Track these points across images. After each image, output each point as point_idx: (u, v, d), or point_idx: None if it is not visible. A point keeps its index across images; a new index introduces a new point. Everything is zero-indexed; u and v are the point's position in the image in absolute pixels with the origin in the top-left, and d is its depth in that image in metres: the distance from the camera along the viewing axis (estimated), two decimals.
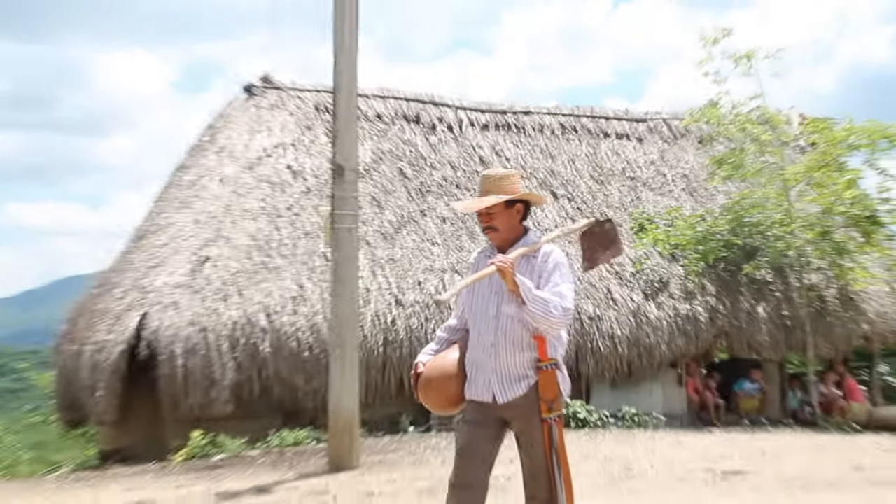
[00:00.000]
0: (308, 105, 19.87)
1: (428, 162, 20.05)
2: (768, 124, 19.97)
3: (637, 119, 23.20)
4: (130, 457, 16.07)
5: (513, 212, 6.03)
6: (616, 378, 18.69)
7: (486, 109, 21.86)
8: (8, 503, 11.87)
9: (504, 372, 5.87)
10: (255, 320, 16.45)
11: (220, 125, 19.94)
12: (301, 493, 11.14)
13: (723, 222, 19.68)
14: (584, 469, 12.00)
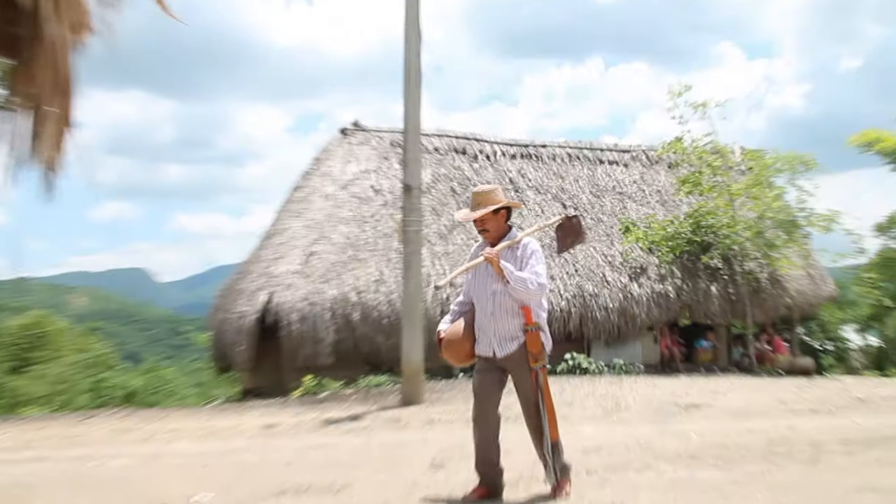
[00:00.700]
0: (385, 142, 19.96)
1: (472, 182, 20.03)
2: (718, 154, 19.95)
3: (623, 150, 23.14)
4: (262, 393, 16.24)
5: (499, 216, 6.19)
6: (609, 338, 18.74)
7: (513, 143, 21.86)
8: (181, 422, 12.03)
9: (501, 334, 6.03)
10: (348, 297, 16.65)
11: (322, 157, 20.08)
12: (382, 420, 11.26)
13: (686, 225, 19.70)
14: (586, 404, 12.06)
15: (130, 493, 6.86)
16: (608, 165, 22.40)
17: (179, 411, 14.27)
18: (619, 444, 8.23)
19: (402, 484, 6.76)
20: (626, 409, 11.54)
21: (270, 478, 7.26)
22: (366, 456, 8.42)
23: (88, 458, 9.10)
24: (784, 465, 7.01)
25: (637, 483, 6.36)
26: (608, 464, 7.21)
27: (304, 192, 19.39)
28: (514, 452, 6.49)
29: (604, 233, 20.22)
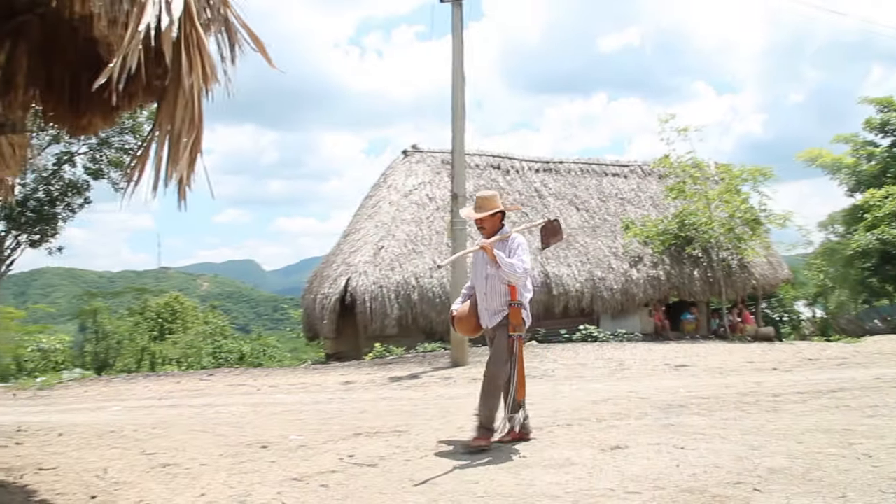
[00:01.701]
0: (437, 160, 19.93)
1: (505, 191, 20.00)
2: (697, 167, 19.75)
3: (623, 165, 22.91)
4: (342, 357, 16.34)
5: (495, 218, 6.20)
6: (613, 313, 18.63)
7: (536, 160, 21.73)
8: (280, 379, 12.15)
9: (491, 309, 6.01)
10: (409, 281, 16.68)
11: (388, 173, 20.13)
12: (436, 377, 11.28)
13: (673, 223, 19.50)
14: (596, 365, 11.99)
15: (242, 434, 6.93)
16: (611, 177, 22.22)
17: (278, 371, 14.39)
18: (622, 397, 8.19)
19: (451, 428, 6.79)
20: (627, 369, 11.47)
21: (348, 423, 7.31)
22: (422, 406, 8.44)
23: (210, 406, 9.23)
24: (752, 412, 6.94)
25: (637, 428, 6.32)
26: (614, 412, 7.17)
27: (375, 199, 19.48)
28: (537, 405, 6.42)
29: (609, 230, 20.08)
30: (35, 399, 11.06)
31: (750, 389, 8.57)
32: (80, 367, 18.17)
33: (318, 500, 4.46)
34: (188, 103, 3.31)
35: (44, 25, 5.71)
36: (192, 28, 3.42)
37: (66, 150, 22.88)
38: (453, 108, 13.15)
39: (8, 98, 6.38)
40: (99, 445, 6.47)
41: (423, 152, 20.28)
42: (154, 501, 4.58)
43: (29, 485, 5.04)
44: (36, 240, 23.44)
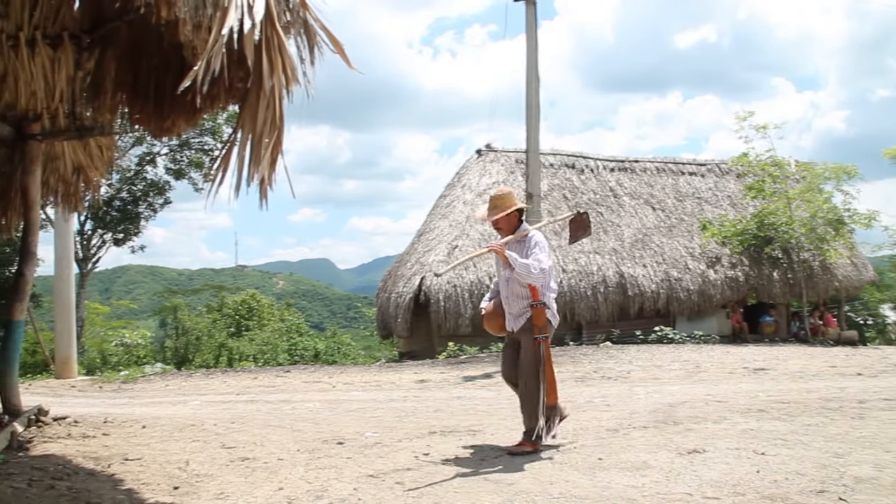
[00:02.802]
0: (511, 160, 19.89)
1: (579, 191, 19.90)
2: (777, 166, 19.36)
3: (700, 164, 22.56)
4: (415, 356, 16.43)
5: (511, 216, 5.98)
6: (690, 314, 18.34)
7: (611, 159, 21.54)
8: (354, 376, 12.30)
9: (513, 312, 5.87)
10: (482, 280, 16.65)
11: (462, 172, 20.17)
12: None
13: (752, 223, 19.07)
14: (672, 367, 11.80)
15: (318, 430, 7.03)
16: (688, 176, 21.89)
17: (353, 368, 14.55)
18: (700, 400, 8.04)
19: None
20: (704, 372, 11.26)
21: (423, 421, 7.36)
22: (496, 406, 8.43)
23: (287, 402, 9.39)
24: (836, 419, 6.73)
25: (715, 432, 6.19)
26: (691, 415, 7.04)
27: (448, 199, 19.54)
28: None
29: (685, 230, 19.78)
30: (119, 392, 11.43)
31: (833, 395, 8.32)
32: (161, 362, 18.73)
33: (393, 497, 4.50)
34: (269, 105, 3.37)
35: (131, 32, 5.90)
36: (272, 31, 3.48)
37: (148, 152, 23.58)
38: (527, 108, 13.14)
39: (97, 102, 6.62)
40: (181, 438, 6.66)
41: (496, 152, 20.26)
42: (234, 494, 4.68)
43: (116, 474, 5.22)
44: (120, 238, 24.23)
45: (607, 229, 19.07)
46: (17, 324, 7.40)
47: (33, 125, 7.20)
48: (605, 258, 18.20)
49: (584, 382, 10.40)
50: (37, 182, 7.46)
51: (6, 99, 6.51)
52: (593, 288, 17.54)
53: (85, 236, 23.67)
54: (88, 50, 6.32)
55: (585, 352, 14.19)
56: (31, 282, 7.73)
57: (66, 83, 6.53)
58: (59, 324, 14.55)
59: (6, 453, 5.79)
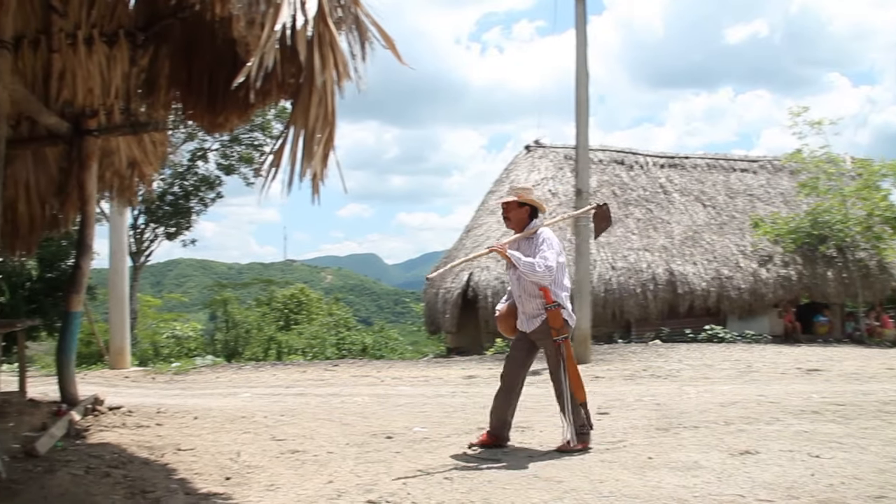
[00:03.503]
0: (560, 155, 19.80)
1: (629, 187, 19.75)
2: (832, 163, 18.97)
3: (752, 160, 22.24)
4: (463, 351, 16.46)
5: (522, 210, 5.85)
6: (741, 313, 18.08)
7: (661, 155, 21.33)
8: (402, 371, 12.35)
9: (527, 313, 5.77)
10: None
11: (511, 168, 20.14)
12: None
13: (805, 221, 18.70)
14: (722, 366, 11.65)
15: (367, 424, 7.07)
16: (740, 173, 21.57)
17: (400, 363, 14.62)
18: (751, 401, 7.91)
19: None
20: (756, 372, 11.07)
21: (471, 417, 7.36)
22: (544, 403, 8.37)
23: (336, 396, 9.46)
24: (893, 422, 6.58)
25: (768, 433, 6.09)
26: (742, 416, 6.94)
27: (497, 195, 19.46)
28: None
29: (737, 227, 19.48)
30: (171, 383, 11.61)
31: (891, 398, 8.12)
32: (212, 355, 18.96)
33: (442, 492, 4.50)
34: (322, 100, 3.38)
35: (184, 29, 5.98)
36: (325, 26, 3.49)
37: (199, 147, 23.90)
38: (577, 103, 13.04)
39: (151, 98, 6.73)
40: (231, 430, 6.75)
41: (545, 147, 20.18)
42: (284, 486, 4.73)
43: (169, 463, 5.31)
44: (172, 232, 24.62)
45: (657, 226, 18.88)
46: (74, 315, 7.56)
47: (90, 121, 7.35)
48: (654, 255, 18.02)
49: (633, 381, 10.31)
50: (93, 177, 7.61)
51: (64, 96, 6.66)
52: (642, 285, 17.38)
53: (138, 230, 24.09)
54: (143, 47, 6.43)
55: (634, 350, 14.07)
56: (88, 274, 7.90)
57: (121, 80, 6.66)
58: (114, 316, 14.83)
59: (65, 441, 5.92)
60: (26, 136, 7.68)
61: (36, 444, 5.34)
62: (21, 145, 7.69)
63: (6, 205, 7.27)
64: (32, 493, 4.34)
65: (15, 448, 5.38)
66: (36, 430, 6.09)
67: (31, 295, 18.07)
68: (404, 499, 4.37)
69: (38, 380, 10.69)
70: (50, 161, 8.21)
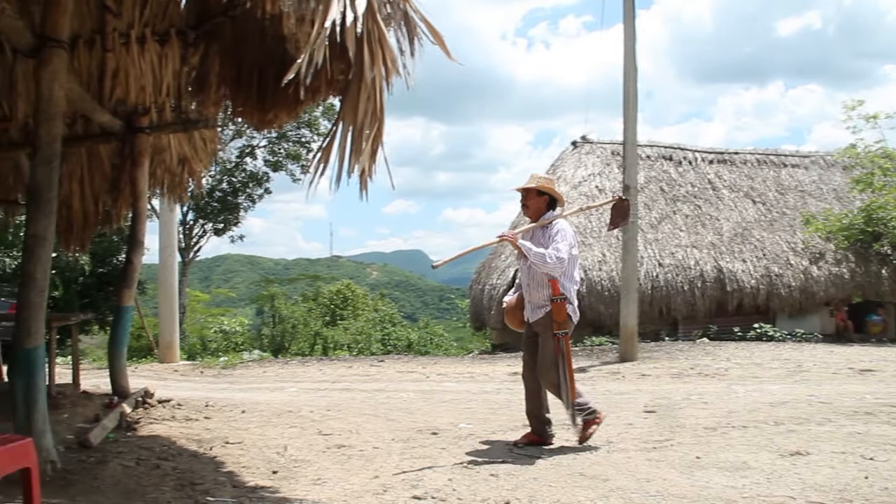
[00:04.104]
0: (607, 151, 19.63)
1: (677, 183, 19.52)
2: (888, 158, 18.49)
3: (804, 155, 21.84)
4: (508, 348, 16.40)
5: (540, 200, 5.78)
6: (791, 311, 17.77)
7: (710, 151, 21.03)
8: (447, 367, 12.38)
9: (533, 302, 5.69)
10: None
11: (557, 164, 19.98)
12: (603, 372, 11.14)
13: (859, 218, 18.26)
14: (772, 365, 11.44)
15: (413, 419, 7.10)
16: (790, 168, 21.19)
17: (446, 359, 14.64)
18: (802, 401, 7.77)
19: (620, 424, 6.67)
20: (806, 371, 10.87)
21: (516, 414, 7.31)
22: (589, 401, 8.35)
23: (381, 391, 9.51)
24: None
25: (819, 434, 5.98)
26: (792, 416, 6.82)
27: None
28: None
29: (787, 224, 19.14)
30: (219, 377, 11.77)
31: None
32: (259, 349, 19.19)
33: (487, 489, 4.50)
34: (370, 96, 3.41)
35: (234, 26, 6.05)
36: (374, 23, 3.52)
37: (247, 144, 24.22)
38: (625, 99, 12.93)
39: (201, 96, 6.82)
40: (278, 424, 6.82)
41: (592, 143, 20.02)
42: (330, 480, 4.77)
43: (217, 456, 5.39)
44: (220, 228, 25.00)
45: (705, 223, 18.65)
46: (125, 309, 7.71)
47: (142, 119, 7.49)
48: (702, 252, 17.80)
49: (679, 379, 10.20)
50: (145, 173, 7.76)
51: (118, 94, 6.77)
52: (690, 282, 17.19)
53: (187, 226, 24.50)
54: (194, 45, 6.52)
55: (681, 347, 13.93)
56: (139, 269, 8.05)
57: (172, 78, 6.76)
58: (163, 310, 15.09)
59: (116, 432, 6.04)
60: (81, 133, 7.87)
61: (89, 436, 5.46)
62: (76, 143, 7.87)
63: (61, 201, 7.42)
64: (86, 484, 4.45)
65: (69, 439, 5.51)
66: (89, 422, 6.24)
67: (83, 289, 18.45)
68: (449, 495, 4.38)
69: (90, 372, 10.90)
70: (103, 158, 8.39)
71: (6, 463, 2.88)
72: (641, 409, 7.50)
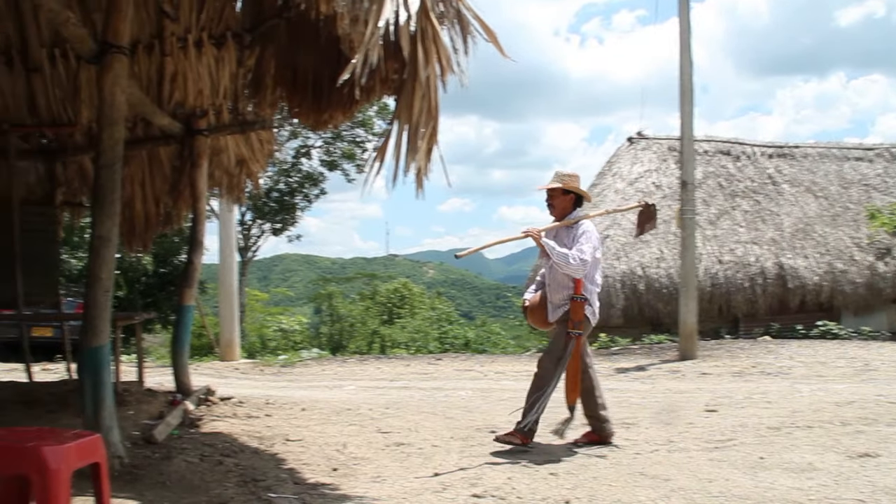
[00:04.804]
0: (663, 147, 19.38)
1: (735, 178, 19.17)
2: None
3: (868, 148, 21.20)
4: None
5: (566, 198, 5.67)
6: (856, 308, 17.32)
7: (769, 145, 20.60)
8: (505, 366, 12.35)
9: (554, 302, 5.60)
10: (635, 271, 16.38)
11: (613, 161, 19.79)
12: (662, 371, 10.99)
13: None
14: (837, 364, 11.15)
15: (471, 417, 7.09)
16: (854, 161, 20.61)
17: (503, 357, 14.58)
18: (870, 401, 7.55)
19: (681, 423, 6.58)
20: (874, 370, 10.55)
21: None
22: (650, 399, 8.26)
23: (439, 389, 9.52)
24: None
25: (888, 435, 5.80)
26: (860, 416, 6.63)
27: (599, 188, 19.19)
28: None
29: (851, 219, 18.64)
30: (279, 375, 11.91)
31: None
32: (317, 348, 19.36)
33: (547, 487, 4.47)
34: (425, 95, 3.40)
35: (289, 28, 6.11)
36: (427, 21, 3.51)
37: (303, 144, 24.44)
38: (681, 93, 12.74)
39: (258, 97, 6.91)
40: (338, 421, 6.87)
41: (648, 139, 19.78)
42: (390, 478, 4.78)
43: (278, 453, 5.45)
44: (278, 228, 25.31)
45: (765, 218, 18.29)
46: (187, 308, 7.85)
47: (200, 121, 7.60)
48: (763, 248, 17.46)
49: (741, 378, 10.01)
50: (204, 175, 7.87)
51: (176, 97, 6.91)
52: (751, 280, 16.88)
53: (245, 226, 24.83)
54: (250, 48, 6.61)
55: (742, 346, 13.66)
56: (199, 269, 8.18)
57: (229, 80, 6.87)
58: (223, 309, 15.31)
59: (180, 429, 6.16)
60: (142, 136, 8.03)
61: (154, 432, 5.58)
62: (137, 146, 8.03)
63: (124, 203, 7.57)
64: (152, 479, 4.54)
65: (135, 435, 5.63)
66: (153, 419, 6.37)
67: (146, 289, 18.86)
68: (509, 493, 4.36)
69: (154, 370, 11.11)
70: (163, 161, 8.54)
71: (78, 458, 2.95)
72: (702, 408, 7.38)
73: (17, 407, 6.79)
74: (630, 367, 11.42)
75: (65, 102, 7.44)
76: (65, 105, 7.47)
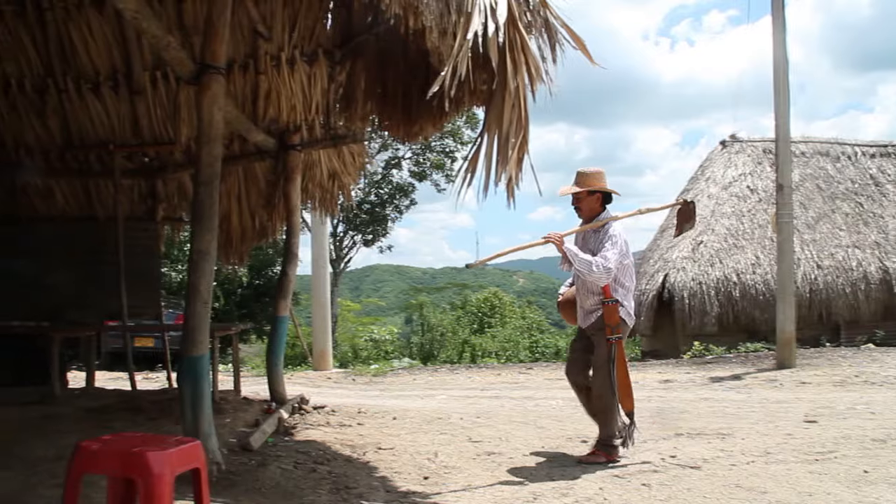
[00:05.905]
0: (758, 150, 18.91)
1: (835, 180, 18.55)
2: None
3: None
4: (659, 355, 16.04)
5: (593, 198, 5.45)
6: None
7: (872, 144, 19.84)
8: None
9: (584, 308, 5.46)
10: (729, 277, 16.03)
11: (706, 165, 19.42)
12: (759, 379, 10.69)
13: None
14: None
15: (562, 427, 7.05)
16: None
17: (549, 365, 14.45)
18: None
19: (778, 434, 6.39)
20: None
21: (668, 422, 7.17)
22: (746, 410, 8.05)
23: (530, 399, 9.49)
24: None
25: None
26: None
27: (692, 193, 18.81)
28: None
29: None
30: (370, 384, 12.06)
31: None
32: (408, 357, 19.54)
33: (640, 498, 4.42)
34: (515, 105, 3.43)
35: (378, 43, 6.22)
36: (515, 32, 3.54)
37: (393, 156, 24.75)
38: (776, 93, 12.41)
39: (349, 112, 7.05)
40: (429, 430, 6.93)
41: (742, 142, 19.33)
42: (480, 487, 4.80)
43: (370, 462, 5.53)
44: (369, 239, 25.68)
45: (868, 221, 17.63)
46: (282, 319, 8.03)
47: (293, 136, 7.81)
48: (865, 252, 16.84)
49: (843, 387, 9.67)
50: (297, 188, 8.07)
51: (270, 114, 7.12)
52: (852, 285, 16.29)
53: (337, 238, 25.28)
54: (340, 63, 6.76)
55: (844, 354, 13.18)
56: (294, 281, 8.37)
57: (321, 96, 7.03)
58: (316, 319, 15.61)
59: (275, 437, 6.31)
60: (238, 153, 8.30)
61: (250, 440, 5.73)
62: (233, 162, 8.30)
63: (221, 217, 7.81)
64: (248, 485, 4.67)
65: (232, 442, 5.79)
66: (249, 427, 6.54)
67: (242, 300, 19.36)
68: None
69: (249, 379, 11.40)
70: (259, 175, 8.79)
71: (180, 463, 3.06)
72: (801, 419, 7.16)
73: (121, 414, 7.06)
74: (725, 376, 11.16)
75: (165, 122, 7.80)
76: (165, 125, 7.83)
